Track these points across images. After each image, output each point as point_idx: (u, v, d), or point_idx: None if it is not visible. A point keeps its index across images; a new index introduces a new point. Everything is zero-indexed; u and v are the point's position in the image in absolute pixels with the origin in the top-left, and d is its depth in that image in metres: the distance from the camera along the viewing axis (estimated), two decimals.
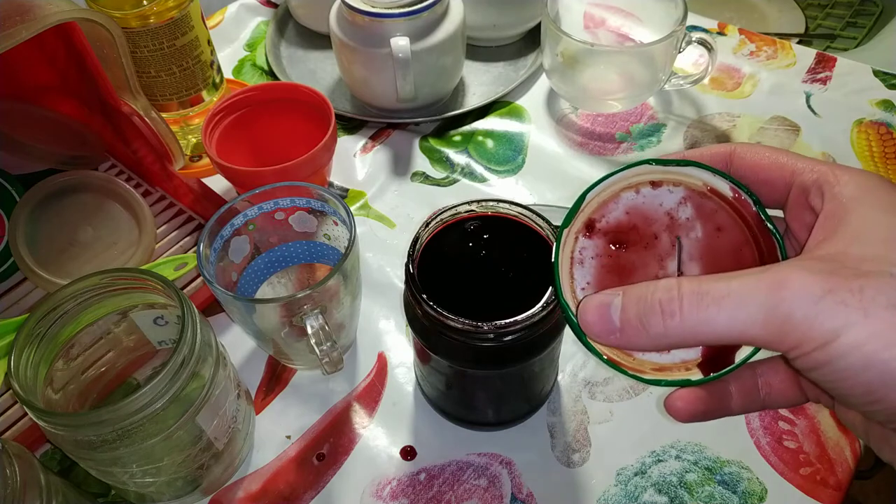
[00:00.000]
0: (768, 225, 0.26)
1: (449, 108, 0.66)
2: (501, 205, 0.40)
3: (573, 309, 0.27)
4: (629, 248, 0.27)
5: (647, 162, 0.26)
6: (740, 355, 0.26)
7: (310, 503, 0.43)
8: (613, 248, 0.27)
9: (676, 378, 0.27)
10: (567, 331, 0.41)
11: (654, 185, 0.27)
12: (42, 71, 0.53)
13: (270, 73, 0.71)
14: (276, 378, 0.49)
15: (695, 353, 0.27)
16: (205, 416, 0.38)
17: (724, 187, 0.26)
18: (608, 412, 0.46)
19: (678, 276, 0.27)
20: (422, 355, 0.43)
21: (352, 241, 0.41)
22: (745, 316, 0.22)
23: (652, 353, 0.27)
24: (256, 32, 0.77)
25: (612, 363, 0.27)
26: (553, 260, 0.28)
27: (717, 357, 0.27)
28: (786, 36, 0.81)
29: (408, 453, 0.45)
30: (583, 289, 0.28)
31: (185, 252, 0.54)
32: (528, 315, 0.35)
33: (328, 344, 0.40)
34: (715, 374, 0.26)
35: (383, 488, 0.43)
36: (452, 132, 0.65)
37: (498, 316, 0.35)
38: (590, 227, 0.27)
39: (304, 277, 0.50)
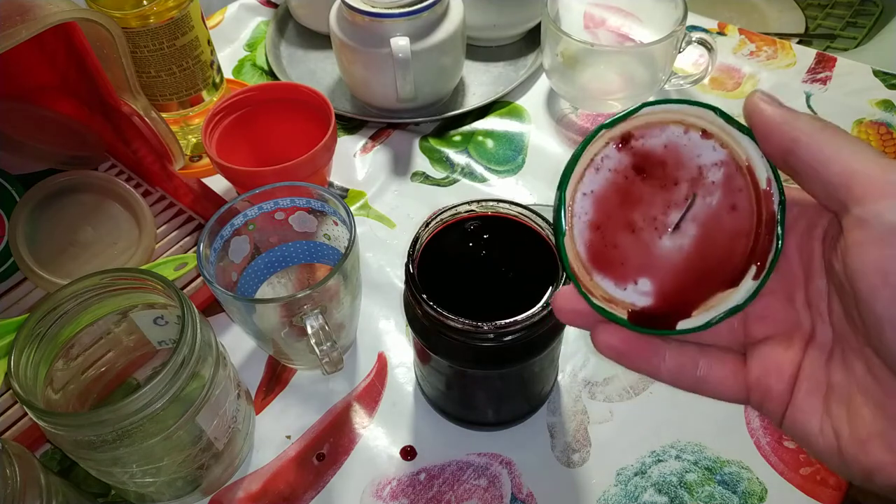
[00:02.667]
0: (778, 230, 0.25)
1: (449, 108, 0.66)
2: (501, 205, 0.40)
3: (568, 205, 0.26)
4: (647, 180, 0.26)
5: (713, 109, 0.26)
6: (687, 324, 0.26)
7: (310, 503, 0.43)
8: (633, 171, 0.26)
9: (616, 313, 0.26)
10: (567, 331, 0.41)
11: (705, 134, 0.26)
12: (42, 71, 0.53)
13: (270, 73, 0.71)
14: (276, 378, 0.49)
15: (647, 301, 0.27)
16: (205, 416, 0.38)
17: (762, 174, 0.25)
18: (608, 412, 0.46)
19: (674, 229, 0.26)
20: (422, 355, 0.43)
21: (352, 241, 0.41)
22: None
23: (609, 283, 0.27)
24: (256, 32, 0.77)
25: (572, 274, 0.27)
26: (577, 150, 0.26)
27: (665, 315, 0.26)
28: (786, 36, 0.81)
29: (408, 453, 0.45)
30: (584, 194, 0.27)
31: (185, 252, 0.54)
32: (528, 315, 0.35)
33: (328, 344, 0.40)
34: (654, 331, 0.26)
35: (383, 488, 0.43)
36: (452, 132, 0.65)
37: (498, 316, 0.35)
38: (625, 140, 0.26)
39: (304, 277, 0.50)
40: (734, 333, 0.27)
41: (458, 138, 0.64)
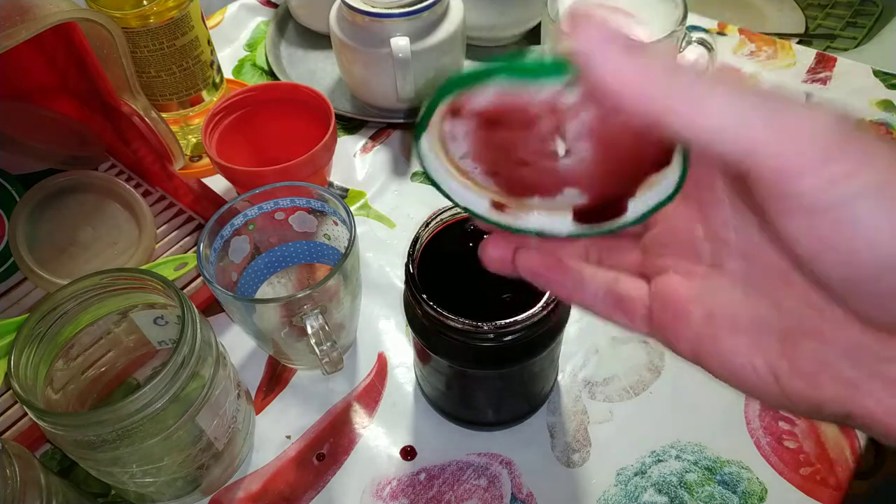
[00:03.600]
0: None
1: None
2: None
3: (452, 167, 0.26)
4: (505, 127, 0.24)
5: (505, 70, 0.21)
6: (624, 219, 0.25)
7: (310, 503, 0.43)
8: (486, 128, 0.24)
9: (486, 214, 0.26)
10: (567, 331, 0.41)
11: None
12: (42, 71, 0.53)
13: (270, 73, 0.71)
14: (276, 378, 0.49)
15: (581, 200, 0.25)
16: (205, 416, 0.38)
17: None
18: (608, 412, 0.46)
19: (566, 155, 0.24)
20: (422, 355, 0.43)
21: (352, 241, 0.41)
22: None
23: (537, 199, 0.26)
24: (256, 32, 0.77)
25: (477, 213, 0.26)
26: (414, 139, 0.24)
27: (603, 208, 0.25)
28: (786, 36, 0.81)
29: (408, 453, 0.45)
30: (461, 157, 0.25)
31: (185, 252, 0.54)
32: (528, 315, 0.35)
33: (328, 344, 0.40)
34: (596, 231, 0.25)
35: (383, 488, 0.43)
36: None
37: (498, 316, 0.35)
38: (455, 112, 0.23)
39: (304, 277, 0.50)
40: (638, 260, 0.26)
41: None
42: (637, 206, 0.25)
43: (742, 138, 0.18)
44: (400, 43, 0.56)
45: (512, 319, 0.35)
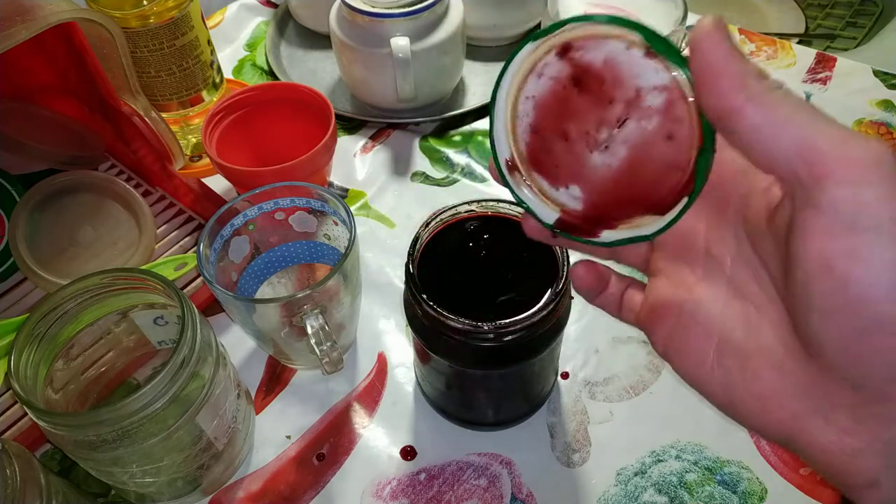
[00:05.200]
0: (698, 176, 0.24)
1: (449, 108, 0.66)
2: (501, 205, 0.40)
3: (512, 105, 0.27)
4: (583, 93, 0.25)
5: (647, 32, 0.23)
6: (604, 237, 0.27)
7: (310, 503, 0.43)
8: (571, 82, 0.25)
9: (549, 208, 0.28)
10: (567, 331, 0.41)
11: (649, 54, 0.23)
12: (42, 71, 0.53)
13: (270, 73, 0.71)
14: (276, 378, 0.49)
15: (577, 206, 0.27)
16: (205, 416, 0.38)
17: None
18: (608, 412, 0.46)
19: (603, 149, 0.25)
20: (422, 355, 0.43)
21: (352, 241, 0.41)
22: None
23: (545, 183, 0.27)
24: (256, 32, 0.77)
25: (503, 165, 0.28)
26: (515, 50, 0.25)
27: (589, 223, 0.27)
28: (786, 36, 0.81)
29: (408, 453, 0.45)
30: (527, 97, 0.26)
31: (185, 252, 0.54)
32: (528, 315, 0.35)
33: (328, 344, 0.40)
34: (569, 236, 0.28)
35: (383, 488, 0.43)
36: (452, 132, 0.65)
37: (498, 316, 0.35)
38: (565, 49, 0.24)
39: (304, 277, 0.50)
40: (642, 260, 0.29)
41: (458, 138, 0.64)
42: (610, 234, 0.27)
43: (806, 139, 0.19)
44: (400, 43, 0.56)
45: (512, 319, 0.35)
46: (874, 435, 0.20)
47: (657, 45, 0.23)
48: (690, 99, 0.23)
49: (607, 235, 0.27)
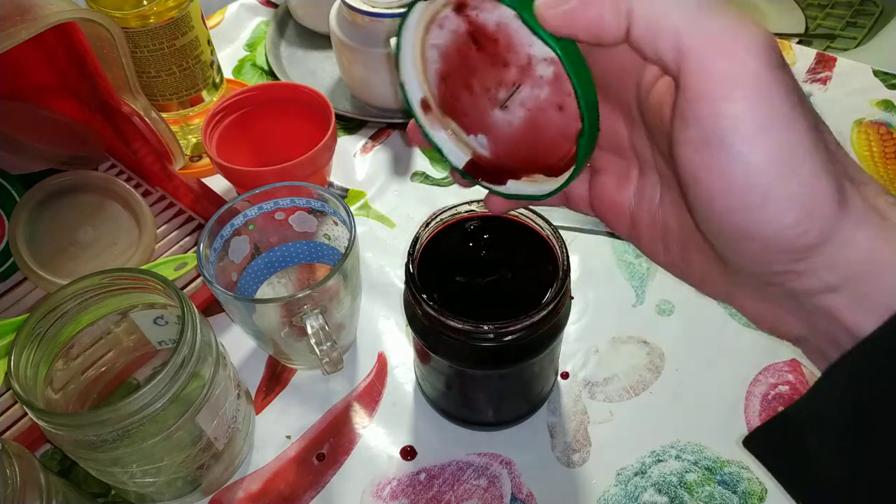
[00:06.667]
0: (576, 159, 0.25)
1: None
2: None
3: (420, 50, 0.27)
4: (481, 52, 0.25)
5: (529, 14, 0.22)
6: (508, 189, 0.28)
7: (310, 503, 0.43)
8: (469, 39, 0.25)
9: (461, 151, 0.29)
10: (567, 331, 0.41)
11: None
12: (42, 71, 0.53)
13: (270, 73, 0.71)
14: (276, 378, 0.49)
15: (485, 153, 0.28)
16: (205, 416, 0.38)
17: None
18: (608, 412, 0.46)
19: (503, 108, 0.26)
20: (422, 355, 0.43)
21: (352, 241, 0.41)
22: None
23: (458, 127, 0.28)
24: (256, 32, 0.77)
25: (415, 106, 0.29)
26: (407, 8, 0.25)
27: (496, 171, 0.29)
28: (786, 36, 0.81)
29: (408, 453, 0.45)
30: (433, 45, 0.26)
31: (185, 252, 0.54)
32: (528, 315, 0.35)
33: (328, 344, 0.40)
34: (479, 183, 0.29)
35: (383, 488, 0.43)
36: None
37: (498, 316, 0.35)
38: (461, 6, 0.24)
39: (304, 277, 0.50)
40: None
41: None
42: (514, 186, 0.28)
43: (677, 34, 0.20)
44: None
45: (512, 319, 0.35)
46: (783, 308, 0.23)
47: (530, 22, 0.22)
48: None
49: (513, 186, 0.28)
